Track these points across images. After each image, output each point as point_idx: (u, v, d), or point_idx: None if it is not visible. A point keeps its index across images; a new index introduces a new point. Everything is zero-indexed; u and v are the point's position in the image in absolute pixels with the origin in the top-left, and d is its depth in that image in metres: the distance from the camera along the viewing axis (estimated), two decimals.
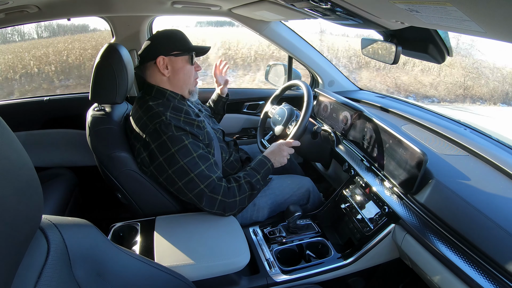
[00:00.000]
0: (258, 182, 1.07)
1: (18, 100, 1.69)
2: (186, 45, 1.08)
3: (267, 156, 1.14)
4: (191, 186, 0.96)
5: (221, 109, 1.53)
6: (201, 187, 0.96)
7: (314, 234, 1.11)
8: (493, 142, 1.11)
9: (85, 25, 8.81)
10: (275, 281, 0.94)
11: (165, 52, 1.04)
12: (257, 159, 1.14)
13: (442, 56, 0.90)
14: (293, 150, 1.18)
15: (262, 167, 1.10)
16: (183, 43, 1.07)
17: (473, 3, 0.42)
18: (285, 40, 1.67)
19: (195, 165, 0.97)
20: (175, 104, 1.05)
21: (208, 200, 0.97)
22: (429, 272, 0.83)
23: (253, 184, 1.05)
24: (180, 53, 1.06)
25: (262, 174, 1.09)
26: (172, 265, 0.81)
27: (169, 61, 1.05)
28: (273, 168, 1.14)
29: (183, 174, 0.96)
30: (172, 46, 1.05)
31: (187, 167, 0.95)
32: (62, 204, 1.34)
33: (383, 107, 1.49)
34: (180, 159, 0.95)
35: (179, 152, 0.95)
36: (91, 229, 0.56)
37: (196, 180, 0.96)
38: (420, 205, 0.89)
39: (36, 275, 0.43)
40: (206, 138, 1.06)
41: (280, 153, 1.15)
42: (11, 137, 0.40)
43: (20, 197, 0.39)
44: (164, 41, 1.05)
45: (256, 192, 1.06)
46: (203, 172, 0.97)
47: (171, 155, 0.95)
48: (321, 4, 0.79)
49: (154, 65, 1.05)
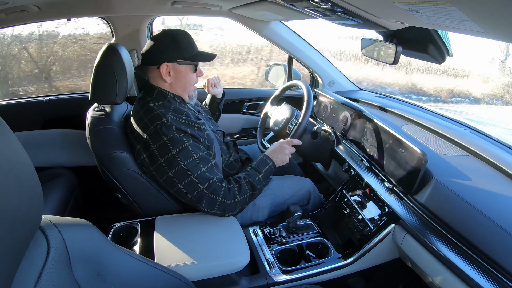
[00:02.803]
0: (259, 182, 1.07)
1: (18, 100, 1.69)
2: (191, 52, 1.04)
3: (268, 156, 1.14)
4: (191, 188, 0.96)
5: (216, 108, 1.52)
6: (201, 189, 0.96)
7: (314, 234, 1.11)
8: (493, 142, 1.11)
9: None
10: (275, 281, 0.94)
11: (170, 59, 1.02)
12: (258, 158, 1.14)
13: (442, 56, 0.90)
14: (294, 149, 1.18)
15: (263, 166, 1.10)
16: (189, 50, 1.04)
17: (473, 3, 0.42)
18: (285, 40, 1.67)
19: (195, 167, 0.96)
20: (176, 106, 1.05)
21: (208, 202, 0.97)
22: (429, 272, 0.83)
23: (254, 184, 1.05)
24: (185, 62, 1.04)
25: (263, 174, 1.08)
26: (172, 265, 0.81)
27: (173, 68, 1.03)
28: (275, 167, 1.13)
29: (184, 176, 0.95)
30: (178, 53, 1.02)
31: (187, 169, 0.95)
32: (62, 204, 1.34)
33: (383, 107, 1.49)
34: (181, 161, 0.95)
35: (179, 154, 0.95)
36: (91, 229, 0.56)
37: (197, 182, 0.96)
38: (420, 205, 0.89)
39: (36, 275, 0.43)
40: (206, 141, 1.06)
41: (282, 151, 1.14)
42: (11, 137, 0.40)
43: (20, 197, 0.39)
44: (170, 46, 1.02)
45: (257, 192, 1.06)
46: (204, 174, 0.97)
47: (171, 157, 0.95)
48: (321, 4, 0.79)
49: (157, 70, 1.03)
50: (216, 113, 1.53)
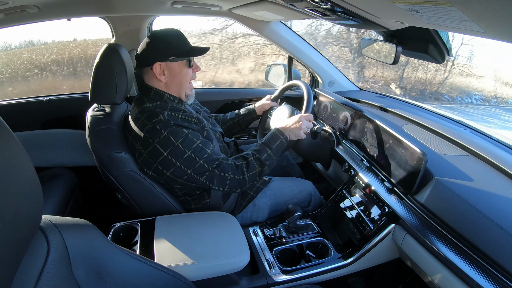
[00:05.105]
0: (269, 158, 1.06)
1: (18, 100, 1.69)
2: (183, 49, 1.03)
3: (280, 130, 1.11)
4: (201, 171, 0.98)
5: (243, 123, 1.44)
6: (211, 170, 0.99)
7: (314, 234, 1.11)
8: (493, 142, 1.11)
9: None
10: (275, 281, 0.94)
11: (161, 58, 1.01)
12: (270, 132, 1.12)
13: (442, 56, 0.90)
14: (311, 125, 1.15)
15: (274, 141, 1.09)
16: (180, 46, 1.03)
17: (473, 3, 0.42)
18: (285, 40, 1.67)
19: (201, 151, 0.98)
20: (173, 106, 1.04)
21: (218, 180, 1.00)
22: (429, 272, 0.83)
23: (262, 160, 1.05)
24: (176, 58, 1.03)
25: (274, 148, 1.07)
26: (172, 265, 0.81)
27: (166, 67, 1.03)
28: (288, 142, 1.10)
29: (192, 162, 0.97)
30: (168, 51, 1.01)
31: (194, 155, 0.97)
32: (62, 204, 1.34)
33: (383, 107, 1.49)
34: (186, 149, 0.96)
35: (183, 143, 0.96)
36: (91, 229, 0.56)
37: (205, 165, 0.98)
38: (420, 205, 0.89)
39: (36, 275, 0.43)
40: (205, 135, 1.06)
41: (296, 124, 1.11)
42: (11, 137, 0.40)
43: (20, 197, 0.39)
44: (160, 45, 1.01)
45: (266, 168, 1.06)
46: (210, 156, 0.99)
47: (175, 148, 0.96)
48: (321, 4, 0.79)
49: (151, 71, 1.03)
50: (242, 127, 1.46)
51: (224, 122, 1.45)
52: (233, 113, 1.47)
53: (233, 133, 1.48)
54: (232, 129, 1.45)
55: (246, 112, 1.45)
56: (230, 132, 1.46)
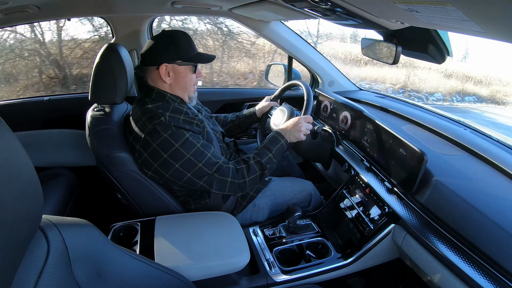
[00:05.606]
0: (270, 161, 1.06)
1: (18, 100, 1.69)
2: (191, 53, 1.05)
3: (280, 132, 1.12)
4: (200, 175, 0.98)
5: (244, 126, 1.44)
6: (210, 173, 0.98)
7: (314, 234, 1.11)
8: (493, 142, 1.11)
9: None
10: (275, 281, 0.94)
11: (169, 60, 1.02)
12: (270, 135, 1.12)
13: (442, 56, 0.90)
14: (311, 126, 1.15)
15: (274, 144, 1.09)
16: (189, 51, 1.04)
17: (473, 3, 0.42)
18: (285, 40, 1.66)
19: (201, 154, 0.98)
20: (175, 106, 1.04)
21: (218, 184, 1.00)
22: (429, 272, 0.83)
23: (263, 164, 1.05)
24: (184, 62, 1.04)
25: (274, 152, 1.08)
26: (172, 265, 0.81)
27: (172, 69, 1.03)
28: (288, 145, 1.11)
29: (191, 165, 0.97)
30: (177, 54, 1.02)
31: (194, 159, 0.97)
32: (62, 204, 1.34)
33: (383, 107, 1.49)
34: (186, 152, 0.96)
35: (183, 146, 0.96)
36: (91, 229, 0.56)
37: (205, 169, 0.98)
38: (420, 205, 0.89)
39: (36, 275, 0.43)
40: (205, 137, 1.06)
41: (296, 127, 1.11)
42: (11, 137, 0.40)
43: (20, 197, 0.39)
44: (169, 46, 1.02)
45: (267, 171, 1.06)
46: (210, 159, 0.99)
47: (175, 150, 0.96)
48: (321, 4, 0.79)
49: (156, 70, 1.03)
50: (242, 129, 1.46)
51: (224, 124, 1.45)
52: (234, 115, 1.47)
53: (233, 135, 1.48)
54: (232, 131, 1.45)
55: (247, 115, 1.45)
56: (231, 133, 1.46)
